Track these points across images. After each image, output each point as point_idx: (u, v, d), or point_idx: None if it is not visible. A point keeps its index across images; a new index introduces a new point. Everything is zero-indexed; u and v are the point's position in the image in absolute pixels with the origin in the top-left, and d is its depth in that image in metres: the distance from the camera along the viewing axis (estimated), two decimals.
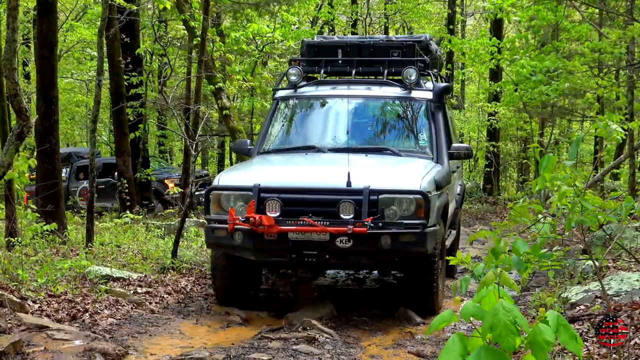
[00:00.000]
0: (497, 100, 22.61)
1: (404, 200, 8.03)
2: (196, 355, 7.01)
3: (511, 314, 2.27)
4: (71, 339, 7.35)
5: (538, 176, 12.43)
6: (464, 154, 9.83)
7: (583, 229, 4.06)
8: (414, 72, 9.64)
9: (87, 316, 8.31)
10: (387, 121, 10.22)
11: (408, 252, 8.20)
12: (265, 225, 7.75)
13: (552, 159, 3.81)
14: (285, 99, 10.40)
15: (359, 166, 8.59)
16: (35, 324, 7.59)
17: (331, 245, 7.88)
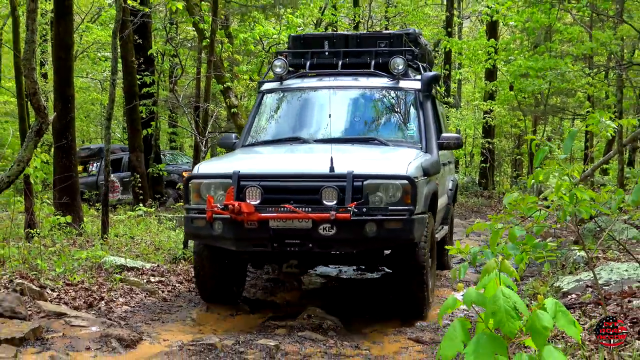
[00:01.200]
0: (492, 99, 22.61)
1: (390, 186, 7.26)
2: (207, 341, 7.01)
3: (511, 300, 2.28)
4: (88, 326, 7.38)
5: (532, 171, 12.47)
6: (454, 143, 9.07)
7: (576, 220, 4.06)
8: (401, 61, 8.95)
9: (102, 304, 8.36)
10: (374, 111, 9.43)
11: (394, 240, 7.44)
12: (245, 213, 7.03)
13: (546, 151, 3.83)
14: (270, 91, 9.70)
15: (344, 154, 7.91)
16: (53, 311, 7.64)
17: (314, 233, 7.15)
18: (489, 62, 20.58)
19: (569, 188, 3.81)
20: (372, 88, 9.29)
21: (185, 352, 6.90)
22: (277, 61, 9.45)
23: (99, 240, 11.35)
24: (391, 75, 9.09)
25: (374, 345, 7.26)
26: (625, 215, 10.62)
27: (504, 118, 22.91)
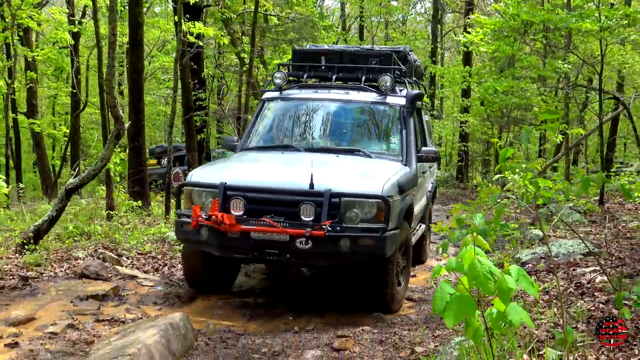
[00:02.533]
0: (467, 112, 22.72)
1: (365, 204, 6.33)
2: (243, 299, 7.16)
3: (486, 266, 2.27)
4: (154, 285, 7.51)
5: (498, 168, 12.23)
6: (432, 157, 7.84)
7: (534, 205, 4.03)
8: (389, 79, 7.85)
9: (166, 269, 8.42)
10: (361, 124, 8.14)
11: (367, 255, 6.39)
12: (226, 224, 6.23)
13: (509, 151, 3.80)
14: (270, 100, 8.44)
15: (327, 167, 6.91)
16: (128, 274, 7.78)
17: (291, 245, 6.22)
18: (465, 84, 20.78)
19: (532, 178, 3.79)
20: (361, 102, 8.07)
21: (228, 306, 6.95)
22: (277, 73, 8.46)
23: (163, 219, 11.44)
24: (379, 91, 7.99)
25: None
26: (571, 203, 10.62)
27: (476, 127, 22.87)
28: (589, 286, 6.00)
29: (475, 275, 2.24)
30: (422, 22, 33.10)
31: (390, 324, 6.43)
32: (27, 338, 5.54)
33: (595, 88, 15.18)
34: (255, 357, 5.40)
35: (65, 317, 6.07)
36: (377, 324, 6.42)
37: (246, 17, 18.72)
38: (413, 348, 5.53)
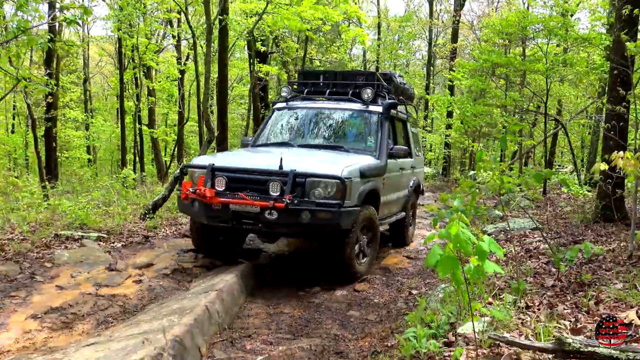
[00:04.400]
0: (450, 128, 22.58)
1: (326, 184, 5.51)
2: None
3: (466, 235, 2.25)
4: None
5: (471, 167, 11.95)
6: (402, 153, 7.07)
7: (498, 193, 3.98)
8: (370, 91, 7.12)
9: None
10: (346, 127, 7.26)
11: (324, 227, 5.58)
12: (208, 197, 5.55)
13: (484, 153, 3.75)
14: (278, 109, 7.65)
15: (307, 157, 6.20)
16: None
17: (261, 216, 5.44)
18: (449, 108, 20.63)
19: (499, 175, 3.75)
20: (347, 109, 7.23)
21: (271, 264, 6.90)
22: (284, 87, 7.79)
23: None
24: (362, 101, 7.20)
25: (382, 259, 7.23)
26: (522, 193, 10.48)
27: (456, 139, 22.58)
28: (535, 251, 5.90)
29: (459, 241, 2.22)
30: (419, 65, 32.76)
31: (394, 274, 6.39)
32: (147, 277, 5.62)
33: (541, 112, 15.00)
34: (301, 294, 5.43)
35: (173, 264, 6.14)
36: (385, 274, 6.38)
37: (298, 60, 18.67)
38: (410, 291, 5.50)
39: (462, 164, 25.41)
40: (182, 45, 20.76)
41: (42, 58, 16.43)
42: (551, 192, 13.19)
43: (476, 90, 18.08)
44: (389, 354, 3.30)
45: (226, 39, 11.14)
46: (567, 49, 15.53)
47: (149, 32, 17.99)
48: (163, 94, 23.16)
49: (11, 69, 5.79)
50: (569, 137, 15.90)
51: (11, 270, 5.33)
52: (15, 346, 3.87)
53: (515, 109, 17.13)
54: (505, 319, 3.09)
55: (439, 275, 2.35)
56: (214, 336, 3.89)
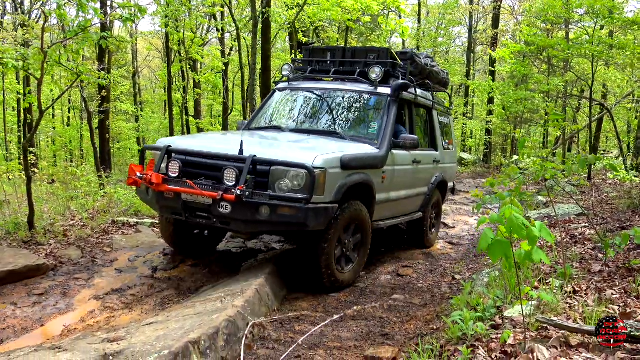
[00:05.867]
0: (491, 114, 22.11)
1: (292, 174, 4.40)
2: None
3: (520, 220, 2.22)
4: None
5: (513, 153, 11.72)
6: (410, 144, 5.68)
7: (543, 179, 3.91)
8: (378, 70, 5.92)
9: None
10: (348, 111, 6.03)
11: (287, 225, 4.45)
12: (154, 183, 4.63)
13: (527, 139, 3.69)
14: (280, 89, 6.52)
15: (285, 143, 5.15)
16: None
17: (214, 209, 4.47)
18: (491, 94, 20.18)
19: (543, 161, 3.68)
20: (351, 91, 6.08)
21: None
22: (285, 65, 6.68)
23: None
24: (370, 82, 6.05)
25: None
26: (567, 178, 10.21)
27: (498, 125, 22.12)
28: (581, 237, 5.76)
29: (513, 225, 2.19)
30: (459, 52, 32.09)
31: (437, 259, 6.37)
32: (200, 261, 5.78)
33: (586, 97, 14.50)
34: None
35: (225, 248, 6.27)
36: (428, 259, 6.36)
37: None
38: (454, 276, 5.48)
39: (503, 151, 24.91)
40: (225, 38, 20.99)
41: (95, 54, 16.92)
42: (596, 177, 12.80)
43: (518, 76, 17.64)
44: (436, 336, 3.31)
45: (269, 30, 11.18)
46: (612, 32, 14.94)
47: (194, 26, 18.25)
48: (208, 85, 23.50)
49: (71, 65, 6.02)
50: (614, 121, 15.35)
51: (74, 255, 5.58)
52: (80, 325, 4.07)
53: (558, 94, 16.64)
54: (553, 303, 3.05)
55: (490, 259, 2.34)
56: (264, 316, 3.98)
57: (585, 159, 3.90)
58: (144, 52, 30.20)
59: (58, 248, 5.68)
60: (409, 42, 25.35)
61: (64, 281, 4.87)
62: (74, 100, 26.20)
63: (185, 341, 2.93)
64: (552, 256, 4.83)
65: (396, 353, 3.33)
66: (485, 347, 2.72)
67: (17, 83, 18.64)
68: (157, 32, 23.41)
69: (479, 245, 2.25)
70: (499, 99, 19.30)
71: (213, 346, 3.08)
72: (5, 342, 3.74)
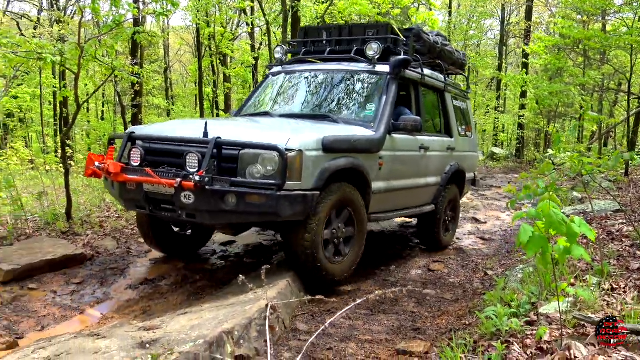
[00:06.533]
0: (524, 108, 21.72)
1: (263, 157, 3.90)
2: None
3: (559, 216, 2.18)
4: None
5: (547, 148, 11.44)
6: (411, 126, 5.07)
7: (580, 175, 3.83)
8: (376, 46, 5.30)
9: None
10: (341, 92, 5.41)
11: (257, 216, 3.98)
12: (112, 172, 4.15)
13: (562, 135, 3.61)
14: (273, 74, 6.01)
15: (260, 127, 4.70)
16: None
17: (177, 200, 3.99)
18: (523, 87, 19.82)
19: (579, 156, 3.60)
20: (345, 71, 5.49)
21: None
22: (277, 47, 6.11)
23: None
24: (368, 60, 5.42)
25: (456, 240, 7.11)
26: (603, 174, 9.97)
27: (530, 119, 21.71)
28: (618, 234, 5.62)
29: (552, 221, 2.14)
30: (491, 45, 31.53)
31: (469, 255, 6.30)
32: (231, 253, 5.85)
33: (624, 90, 14.09)
34: (376, 272, 5.47)
35: (255, 241, 6.32)
36: (460, 255, 6.30)
37: None
38: (486, 271, 5.41)
39: (536, 145, 24.45)
40: (255, 33, 21.11)
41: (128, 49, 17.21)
42: (634, 173, 12.46)
43: (552, 69, 17.25)
44: (468, 332, 3.29)
45: (299, 25, 11.18)
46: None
47: (225, 21, 18.41)
48: (238, 80, 23.69)
49: (106, 60, 6.16)
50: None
51: (110, 245, 5.71)
52: (117, 313, 4.18)
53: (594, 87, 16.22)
54: (590, 300, 2.99)
55: (524, 255, 2.31)
56: (296, 309, 4.02)
57: (621, 155, 3.80)
58: (175, 46, 30.60)
59: (94, 239, 5.82)
60: None
61: (101, 271, 5.00)
62: (107, 95, 26.73)
63: (219, 331, 2.98)
64: (588, 253, 4.73)
65: (428, 347, 3.32)
66: (520, 343, 2.69)
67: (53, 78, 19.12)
68: (188, 27, 23.69)
69: (518, 239, 2.21)
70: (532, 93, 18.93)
71: (246, 336, 3.13)
72: (46, 328, 3.87)
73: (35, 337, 3.64)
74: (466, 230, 7.71)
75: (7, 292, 4.28)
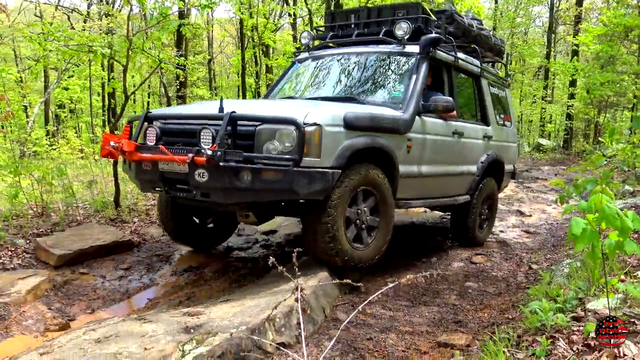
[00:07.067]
0: (573, 97, 21.01)
1: (281, 133, 3.71)
2: None
3: (614, 209, 2.11)
4: None
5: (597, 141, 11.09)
6: (442, 107, 4.77)
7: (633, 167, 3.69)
8: (405, 25, 5.04)
9: None
10: (369, 75, 5.14)
11: (273, 193, 3.76)
12: (127, 151, 4.02)
13: (616, 128, 3.49)
14: (300, 61, 5.87)
15: (287, 104, 4.41)
16: None
17: (191, 178, 3.81)
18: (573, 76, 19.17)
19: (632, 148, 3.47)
20: (372, 53, 5.26)
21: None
22: (304, 33, 5.87)
23: None
24: (397, 41, 5.16)
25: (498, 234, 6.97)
26: None
27: (580, 109, 21.00)
28: None
29: (605, 215, 2.06)
30: (539, 33, 30.55)
31: (513, 248, 6.17)
32: (272, 242, 5.92)
33: None
34: (417, 263, 5.43)
35: (297, 230, 6.38)
36: (503, 248, 6.18)
37: None
38: (530, 265, 5.29)
39: (585, 137, 23.63)
40: (297, 23, 21.14)
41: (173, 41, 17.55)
42: None
43: (604, 57, 16.60)
44: (512, 326, 3.23)
45: None
46: None
47: (267, 12, 18.51)
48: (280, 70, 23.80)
49: (153, 52, 6.30)
50: None
51: (155, 233, 5.88)
52: (163, 299, 4.30)
53: None
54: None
55: (572, 249, 2.24)
56: (336, 299, 4.04)
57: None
58: (218, 38, 31.00)
59: (141, 226, 6.01)
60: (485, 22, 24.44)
61: (147, 257, 5.16)
62: (153, 86, 27.38)
63: (261, 318, 3.03)
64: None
65: (470, 340, 3.29)
66: (565, 339, 2.63)
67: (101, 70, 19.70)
68: (232, 19, 23.95)
69: (570, 232, 2.14)
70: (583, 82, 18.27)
71: (287, 324, 3.17)
72: (96, 311, 4.02)
73: (85, 319, 3.80)
74: (510, 223, 7.56)
75: (59, 276, 4.47)
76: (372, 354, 3.15)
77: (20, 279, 4.14)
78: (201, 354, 2.60)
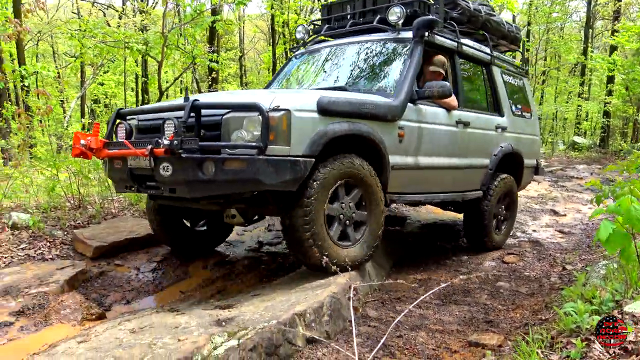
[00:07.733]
0: (611, 94, 20.46)
1: (247, 121, 3.43)
2: None
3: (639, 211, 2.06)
4: None
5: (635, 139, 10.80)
6: (438, 92, 4.43)
7: None
8: (398, 10, 4.79)
9: None
10: (361, 64, 4.89)
11: (237, 184, 3.44)
12: (94, 148, 3.79)
13: None
14: (296, 56, 5.60)
15: (262, 93, 4.09)
16: None
17: (157, 174, 3.56)
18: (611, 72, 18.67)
19: None
20: (364, 42, 5.00)
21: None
22: (299, 27, 5.69)
23: None
24: (392, 27, 4.89)
25: (531, 233, 6.85)
26: None
27: (618, 107, 20.43)
28: None
29: (630, 217, 2.01)
30: (576, 28, 29.80)
31: (546, 248, 6.06)
32: None
33: None
34: (447, 262, 5.39)
35: None
36: (536, 247, 6.08)
37: None
38: (564, 266, 5.19)
39: (623, 135, 22.99)
40: None
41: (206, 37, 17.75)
42: None
43: None
44: (545, 327, 3.18)
45: None
46: None
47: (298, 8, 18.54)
48: None
49: (188, 48, 6.40)
50: None
51: None
52: (195, 292, 4.38)
53: None
54: None
55: (607, 251, 2.19)
56: (366, 295, 4.04)
57: None
58: (250, 34, 31.24)
59: None
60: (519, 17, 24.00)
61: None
62: (185, 82, 27.76)
63: (292, 313, 3.05)
64: None
65: (502, 341, 3.25)
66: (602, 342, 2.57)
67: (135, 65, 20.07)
68: (263, 15, 24.09)
69: (597, 235, 2.10)
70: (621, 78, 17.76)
71: (317, 319, 3.19)
72: (131, 302, 4.12)
73: (120, 309, 3.90)
74: (543, 223, 7.42)
75: (95, 267, 4.59)
76: (402, 352, 3.15)
77: (58, 269, 4.27)
78: (233, 346, 2.64)
